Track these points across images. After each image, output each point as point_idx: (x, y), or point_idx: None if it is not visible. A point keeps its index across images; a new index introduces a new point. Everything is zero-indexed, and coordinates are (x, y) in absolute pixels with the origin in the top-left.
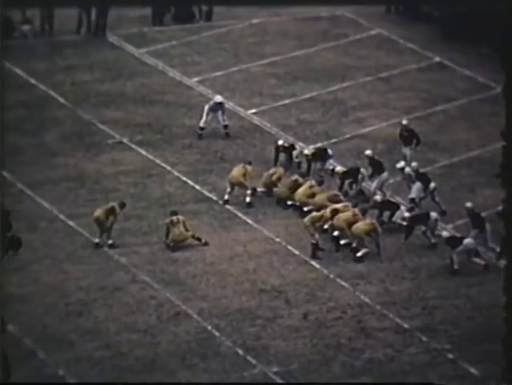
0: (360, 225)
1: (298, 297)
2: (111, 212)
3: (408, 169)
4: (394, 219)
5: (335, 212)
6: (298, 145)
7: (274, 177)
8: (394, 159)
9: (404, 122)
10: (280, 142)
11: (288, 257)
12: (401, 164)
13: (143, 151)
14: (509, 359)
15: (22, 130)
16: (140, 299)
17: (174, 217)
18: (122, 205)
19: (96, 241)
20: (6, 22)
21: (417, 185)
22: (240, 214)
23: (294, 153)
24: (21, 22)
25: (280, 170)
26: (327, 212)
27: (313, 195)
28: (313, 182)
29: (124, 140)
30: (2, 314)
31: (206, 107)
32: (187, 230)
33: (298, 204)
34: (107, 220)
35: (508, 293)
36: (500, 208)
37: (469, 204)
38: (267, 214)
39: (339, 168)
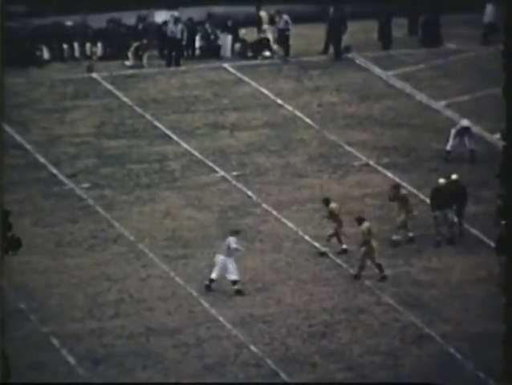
0: None
1: None
2: None
3: None
4: None
5: None
6: None
7: None
8: None
9: None
10: None
11: None
12: None
13: (389, 174)
14: (510, 359)
15: (268, 150)
16: (384, 321)
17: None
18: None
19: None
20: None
21: None
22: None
23: None
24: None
25: None
26: None
27: None
28: None
29: (371, 162)
30: (2, 313)
31: (453, 131)
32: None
33: None
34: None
35: (508, 293)
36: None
37: None
38: None
39: None
